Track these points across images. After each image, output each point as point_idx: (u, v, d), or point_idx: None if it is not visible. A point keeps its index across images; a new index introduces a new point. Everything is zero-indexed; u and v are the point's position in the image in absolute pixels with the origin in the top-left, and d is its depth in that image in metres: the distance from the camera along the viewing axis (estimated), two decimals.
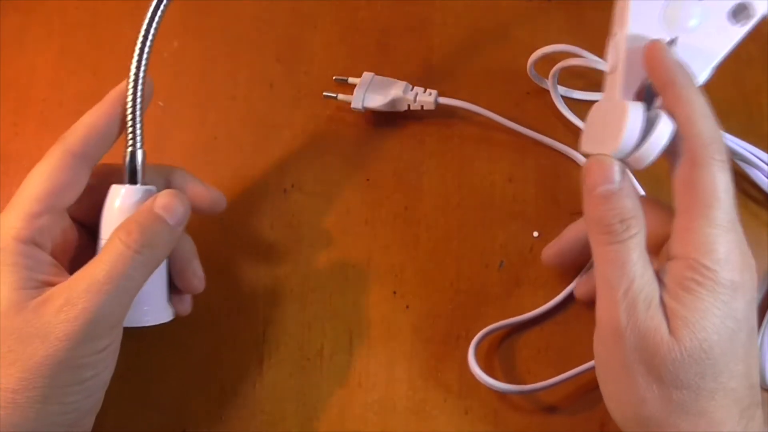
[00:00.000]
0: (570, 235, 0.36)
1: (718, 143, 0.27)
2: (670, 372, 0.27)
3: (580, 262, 0.36)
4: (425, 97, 0.40)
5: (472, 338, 0.36)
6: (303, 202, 0.40)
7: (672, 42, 0.29)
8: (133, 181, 0.32)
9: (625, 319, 0.27)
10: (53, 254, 0.30)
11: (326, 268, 0.39)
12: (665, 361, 0.27)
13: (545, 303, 0.37)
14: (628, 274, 0.27)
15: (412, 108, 0.40)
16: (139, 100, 0.31)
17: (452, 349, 0.37)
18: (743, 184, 0.39)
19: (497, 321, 0.37)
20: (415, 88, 0.41)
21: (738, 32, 0.30)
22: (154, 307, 0.32)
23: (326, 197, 0.40)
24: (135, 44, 0.32)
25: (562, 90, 0.41)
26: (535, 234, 0.39)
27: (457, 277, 0.38)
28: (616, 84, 0.30)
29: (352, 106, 0.40)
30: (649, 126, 0.28)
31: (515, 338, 0.37)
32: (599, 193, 0.28)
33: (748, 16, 0.30)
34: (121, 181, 0.32)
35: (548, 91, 0.41)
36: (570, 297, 0.37)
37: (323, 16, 0.44)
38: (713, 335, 0.26)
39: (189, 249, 0.34)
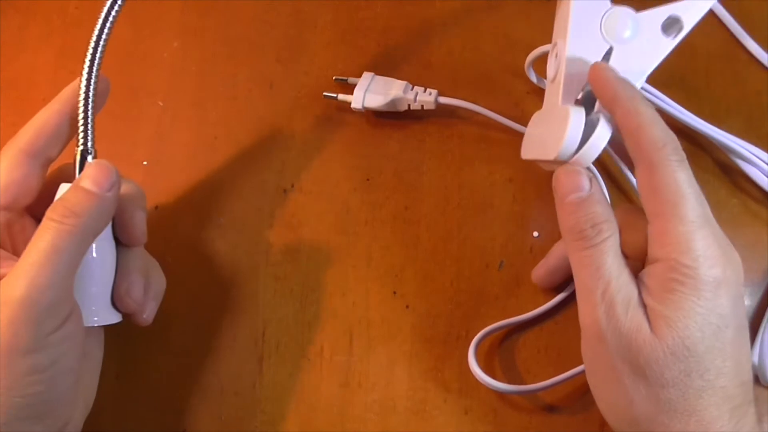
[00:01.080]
0: (557, 252, 0.36)
1: (671, 145, 0.28)
2: (654, 371, 0.27)
3: (571, 277, 0.36)
4: (425, 97, 0.40)
5: (472, 338, 0.36)
6: (303, 202, 0.40)
7: (609, 52, 0.31)
8: None
9: (605, 321, 0.28)
10: (15, 253, 0.31)
11: (326, 268, 0.39)
12: (649, 360, 0.27)
13: (545, 303, 0.37)
14: (603, 277, 0.28)
15: (412, 108, 0.40)
16: (91, 99, 0.31)
17: (452, 349, 0.37)
18: (743, 183, 0.39)
19: (497, 321, 0.37)
20: (415, 87, 0.41)
21: (670, 44, 0.31)
22: (100, 308, 0.32)
23: (326, 197, 0.40)
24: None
25: None
26: (535, 234, 0.39)
27: (457, 277, 0.38)
28: (557, 92, 0.31)
29: (352, 106, 0.40)
30: (589, 129, 0.29)
31: (515, 338, 0.37)
32: (570, 201, 0.29)
33: (679, 29, 0.31)
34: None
35: None
36: (570, 297, 0.37)
37: (323, 16, 0.44)
38: (696, 332, 0.26)
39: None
